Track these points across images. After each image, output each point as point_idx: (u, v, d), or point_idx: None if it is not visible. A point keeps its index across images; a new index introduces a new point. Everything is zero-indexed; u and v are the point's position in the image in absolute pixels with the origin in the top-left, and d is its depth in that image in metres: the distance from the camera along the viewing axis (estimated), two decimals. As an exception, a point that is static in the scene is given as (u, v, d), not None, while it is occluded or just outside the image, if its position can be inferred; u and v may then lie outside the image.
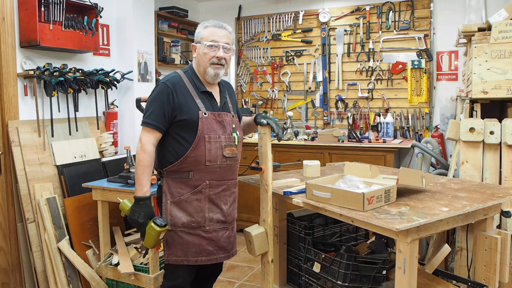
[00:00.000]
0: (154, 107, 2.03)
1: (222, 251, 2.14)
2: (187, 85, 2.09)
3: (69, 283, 2.95)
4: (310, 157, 3.99)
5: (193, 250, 2.08)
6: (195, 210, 2.07)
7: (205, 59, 2.09)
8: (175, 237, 2.08)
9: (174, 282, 2.13)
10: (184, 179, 2.07)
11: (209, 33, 2.10)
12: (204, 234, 2.09)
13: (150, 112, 2.03)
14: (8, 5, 2.95)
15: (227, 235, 2.16)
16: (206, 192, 2.08)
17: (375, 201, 1.80)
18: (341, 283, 2.12)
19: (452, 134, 2.84)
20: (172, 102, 2.03)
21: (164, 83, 2.06)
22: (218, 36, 2.09)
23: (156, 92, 2.07)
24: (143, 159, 2.00)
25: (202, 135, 2.04)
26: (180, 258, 2.08)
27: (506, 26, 2.62)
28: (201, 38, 2.11)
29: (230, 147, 2.12)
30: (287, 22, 4.86)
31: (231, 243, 2.19)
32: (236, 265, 3.70)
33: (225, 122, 2.13)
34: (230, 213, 2.18)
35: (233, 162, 2.16)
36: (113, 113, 3.70)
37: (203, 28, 2.13)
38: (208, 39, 2.09)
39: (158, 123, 2.02)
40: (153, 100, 2.06)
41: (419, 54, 4.26)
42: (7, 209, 2.99)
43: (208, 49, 2.08)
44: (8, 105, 2.96)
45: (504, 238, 2.04)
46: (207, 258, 2.10)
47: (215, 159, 2.07)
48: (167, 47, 4.73)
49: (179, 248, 2.08)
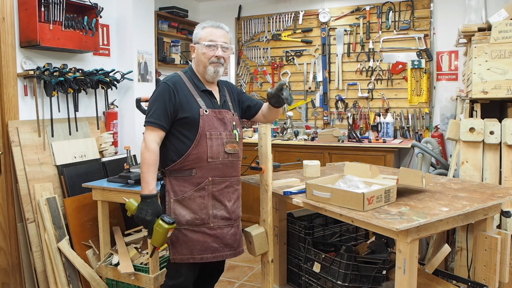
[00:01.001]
0: (156, 106, 2.05)
1: (228, 248, 2.14)
2: (187, 84, 2.13)
3: (69, 283, 2.95)
4: (310, 157, 3.99)
5: (198, 247, 2.08)
6: (199, 207, 2.08)
7: (204, 58, 2.12)
8: (180, 235, 2.08)
9: (176, 281, 2.13)
10: (187, 177, 2.08)
11: (206, 33, 2.13)
12: (208, 231, 2.09)
13: (152, 111, 2.05)
14: (8, 5, 2.95)
15: (232, 232, 2.16)
16: (209, 188, 2.09)
17: (375, 201, 1.80)
18: (341, 283, 2.12)
19: (452, 134, 2.84)
20: (173, 100, 2.05)
21: (165, 82, 2.09)
22: (216, 36, 2.13)
23: (158, 92, 2.09)
24: (147, 157, 2.01)
25: (204, 132, 2.06)
26: (186, 256, 2.08)
27: (506, 26, 2.62)
28: (199, 39, 2.14)
29: (232, 144, 2.14)
30: (287, 22, 4.86)
31: (237, 240, 2.19)
32: (236, 265, 3.70)
33: (225, 119, 2.15)
34: (235, 210, 2.18)
35: (235, 158, 2.17)
36: (113, 113, 3.70)
37: (200, 29, 2.17)
38: (206, 39, 2.12)
39: (161, 122, 2.04)
40: (155, 99, 2.08)
41: (419, 54, 4.26)
42: (7, 209, 2.99)
43: (207, 49, 2.11)
44: (8, 105, 2.96)
45: (504, 238, 2.04)
46: (213, 255, 2.10)
47: (217, 156, 2.09)
48: (167, 47, 4.73)
49: (184, 246, 2.08)
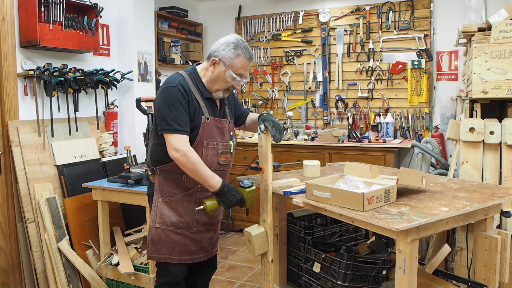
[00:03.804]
0: (178, 111, 1.95)
1: (203, 251, 2.20)
2: (192, 89, 2.05)
3: (69, 283, 2.95)
4: (310, 157, 3.99)
5: (178, 249, 2.11)
6: (185, 211, 2.10)
7: (222, 83, 2.06)
8: (162, 235, 2.10)
9: (167, 279, 2.15)
10: (177, 180, 2.08)
11: (240, 65, 2.02)
12: (190, 235, 2.13)
13: (175, 117, 1.94)
14: (8, 5, 2.95)
15: (209, 236, 2.22)
16: (197, 195, 2.11)
17: (375, 201, 1.80)
18: (341, 283, 2.12)
19: (452, 134, 2.84)
20: (187, 104, 1.99)
21: (175, 87, 1.98)
22: (246, 69, 2.06)
23: (172, 97, 1.97)
24: (193, 158, 1.93)
25: (201, 140, 2.04)
26: (164, 256, 2.11)
27: (506, 26, 2.62)
28: (229, 65, 2.01)
29: (226, 155, 2.15)
30: (287, 22, 4.86)
31: (213, 243, 2.26)
32: (236, 265, 3.70)
33: (224, 129, 2.14)
34: (216, 216, 2.24)
35: (225, 168, 2.20)
36: (113, 113, 3.70)
37: (235, 54, 2.01)
38: (236, 71, 2.02)
39: (187, 128, 1.98)
40: (173, 105, 1.96)
41: (419, 54, 4.26)
42: (7, 209, 2.99)
43: (231, 80, 2.04)
44: (8, 105, 2.96)
45: (504, 238, 2.04)
46: (190, 257, 2.15)
47: (210, 166, 2.06)
48: (167, 47, 4.73)
49: (164, 246, 2.10)
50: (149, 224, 2.15)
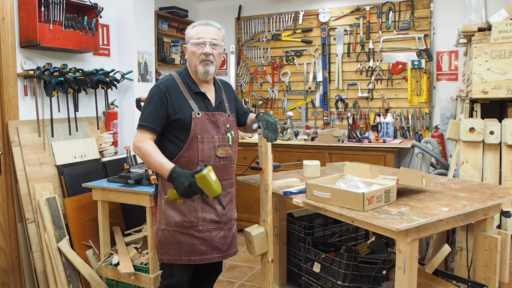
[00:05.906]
0: (149, 109, 2.06)
1: (216, 251, 2.14)
2: (180, 87, 2.11)
3: (69, 283, 2.95)
4: (310, 157, 3.99)
5: (186, 249, 2.09)
6: (188, 210, 2.09)
7: (194, 57, 2.11)
8: (169, 236, 2.09)
9: (170, 281, 2.15)
10: None
11: (195, 32, 2.13)
12: (197, 234, 2.10)
13: (145, 115, 2.06)
14: (8, 5, 2.95)
15: (222, 235, 2.16)
16: None
17: (375, 201, 1.80)
18: (341, 283, 2.12)
19: (452, 134, 2.84)
20: (166, 103, 2.05)
21: (158, 86, 2.10)
22: (204, 33, 2.11)
23: (150, 95, 2.10)
24: (143, 149, 2.00)
25: (195, 135, 2.06)
26: (173, 257, 2.10)
27: (506, 26, 2.62)
28: (189, 38, 2.14)
29: (224, 147, 2.14)
30: (287, 22, 4.86)
31: (227, 243, 2.19)
32: (236, 265, 3.70)
33: (219, 122, 2.14)
34: (226, 213, 2.17)
35: (227, 162, 2.16)
36: (113, 113, 3.70)
37: (190, 28, 2.17)
38: (194, 37, 2.11)
39: (153, 125, 2.04)
40: (147, 103, 2.09)
41: (419, 54, 4.26)
42: (7, 209, 2.99)
43: (195, 47, 2.10)
44: (8, 105, 2.96)
45: (504, 238, 2.04)
46: (200, 257, 2.11)
47: (208, 159, 2.08)
48: (167, 47, 4.73)
49: (172, 247, 2.09)
50: (156, 226, 2.15)
